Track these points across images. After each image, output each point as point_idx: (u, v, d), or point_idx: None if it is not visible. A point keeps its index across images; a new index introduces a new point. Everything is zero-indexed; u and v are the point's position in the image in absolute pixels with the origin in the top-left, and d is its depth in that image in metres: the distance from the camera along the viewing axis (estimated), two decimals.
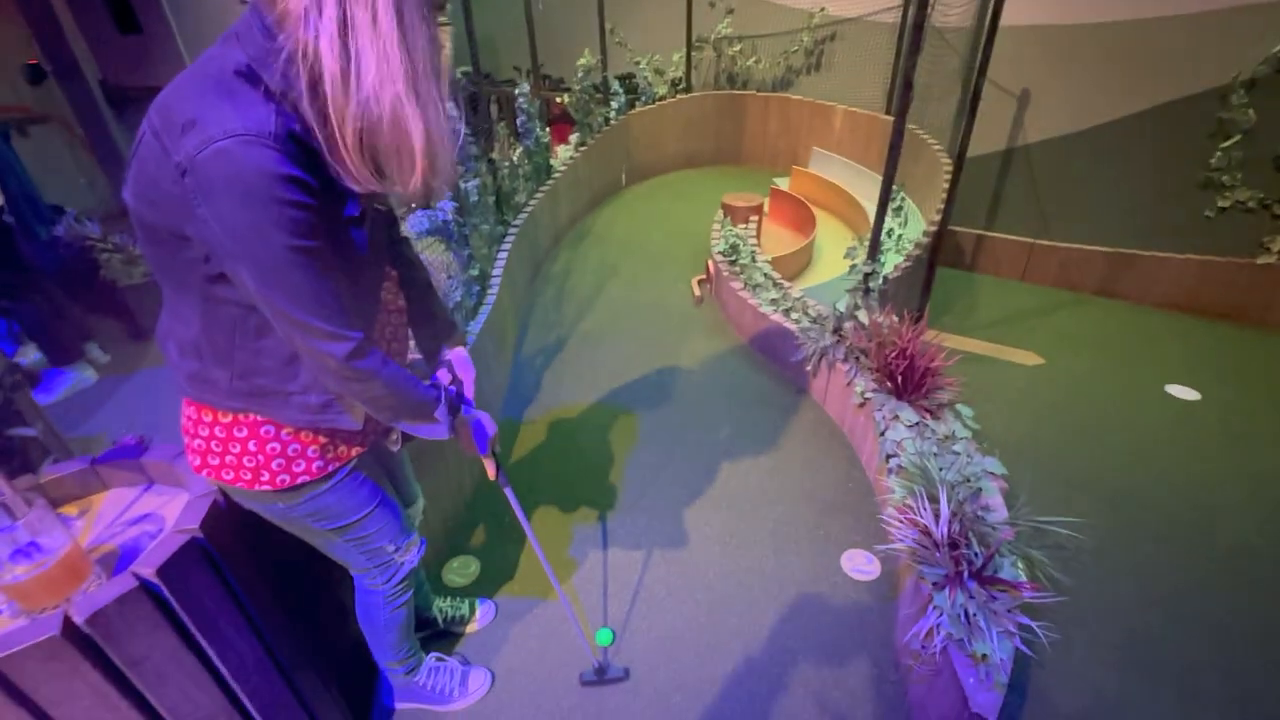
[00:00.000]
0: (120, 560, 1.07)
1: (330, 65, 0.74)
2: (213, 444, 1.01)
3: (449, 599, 1.79)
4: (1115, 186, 3.60)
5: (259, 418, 1.00)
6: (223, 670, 1.07)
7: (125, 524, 1.13)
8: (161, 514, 1.15)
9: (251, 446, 1.01)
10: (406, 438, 1.23)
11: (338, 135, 0.78)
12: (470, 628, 1.79)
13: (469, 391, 1.33)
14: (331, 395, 1.01)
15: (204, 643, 1.02)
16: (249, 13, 0.79)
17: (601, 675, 1.66)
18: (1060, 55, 3.50)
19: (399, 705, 1.62)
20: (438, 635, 1.76)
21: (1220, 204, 3.34)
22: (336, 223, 0.87)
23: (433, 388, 1.10)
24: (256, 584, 1.14)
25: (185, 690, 1.02)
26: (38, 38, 4.57)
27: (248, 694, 1.13)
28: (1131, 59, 3.33)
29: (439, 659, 1.62)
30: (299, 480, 1.05)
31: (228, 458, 1.01)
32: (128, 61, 4.81)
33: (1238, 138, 3.18)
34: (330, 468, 1.09)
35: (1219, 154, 3.25)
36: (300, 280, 0.82)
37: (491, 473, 1.35)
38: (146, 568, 0.93)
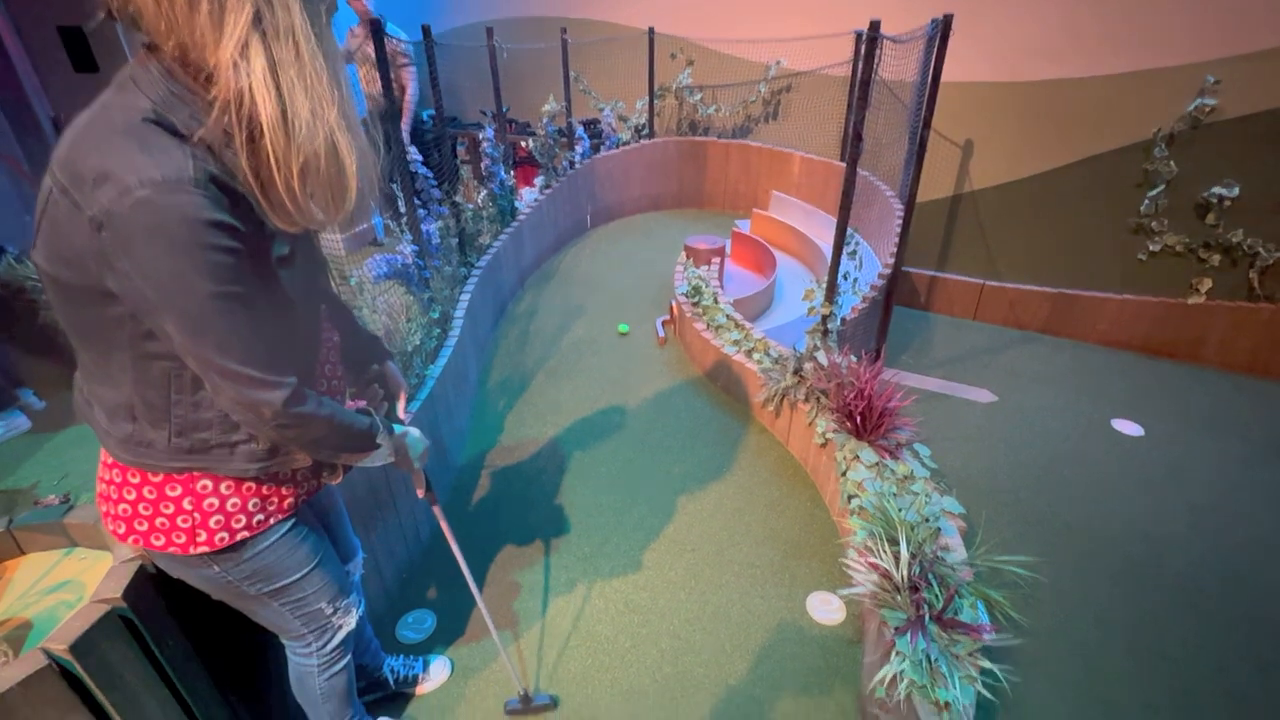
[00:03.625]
0: (34, 634, 0.98)
1: (268, 110, 0.74)
2: (141, 507, 0.94)
3: (401, 658, 1.70)
4: (1055, 231, 3.80)
5: (196, 473, 0.95)
6: None
7: (41, 593, 1.05)
8: (82, 580, 1.07)
9: (187, 505, 0.95)
10: (347, 468, 1.18)
11: (279, 178, 0.78)
12: (422, 688, 1.70)
13: (402, 405, 1.31)
14: None
15: None
16: (144, 55, 0.77)
17: (527, 704, 1.64)
18: (996, 110, 3.72)
19: None
20: (389, 698, 1.67)
21: (1151, 248, 3.55)
22: (265, 264, 0.85)
23: (365, 415, 1.06)
24: (186, 655, 1.06)
25: None
26: None
27: None
28: (1060, 114, 3.56)
29: None
30: (239, 537, 0.99)
31: (159, 520, 0.95)
32: (82, 99, 4.73)
33: (1161, 187, 3.40)
34: (272, 520, 1.03)
35: (1146, 202, 3.47)
36: (229, 328, 0.79)
37: (420, 490, 1.30)
38: (58, 644, 0.86)
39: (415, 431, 1.23)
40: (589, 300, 3.76)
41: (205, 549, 0.97)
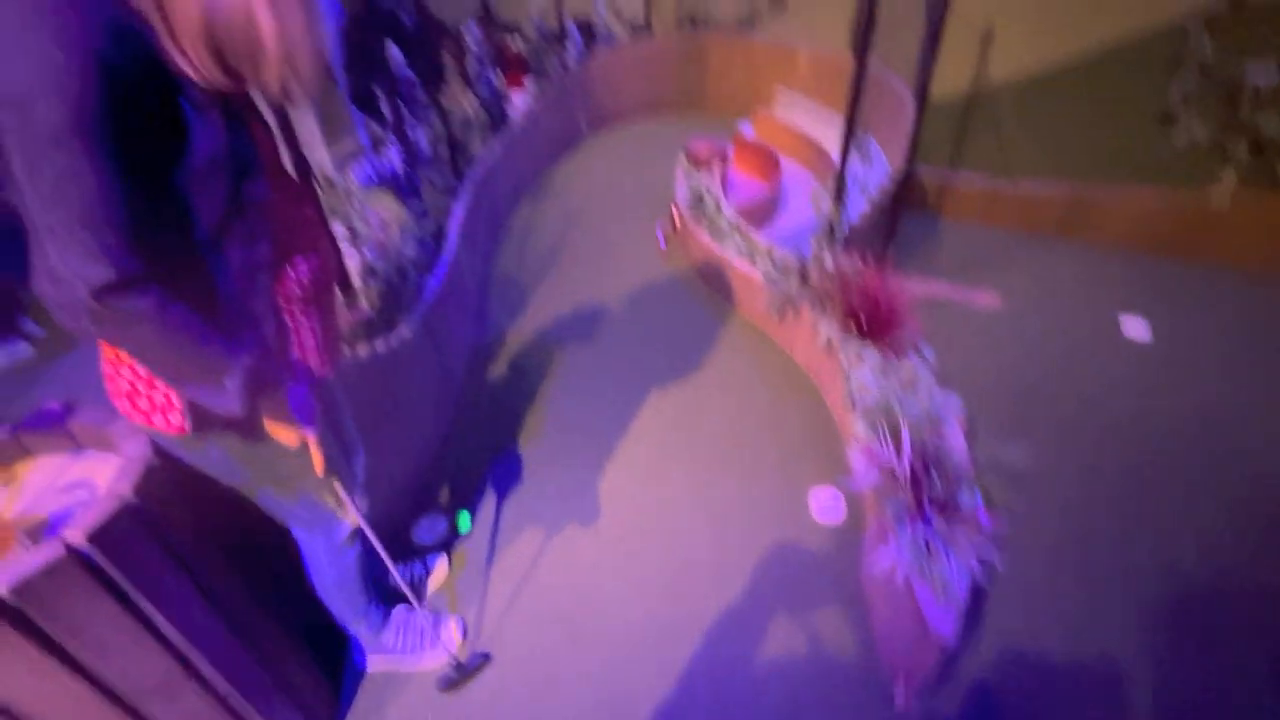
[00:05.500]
0: (51, 530, 1.01)
1: None
2: (139, 385, 0.91)
3: (402, 566, 1.76)
4: (1075, 124, 3.60)
5: None
6: (171, 636, 1.03)
7: (56, 492, 1.07)
8: (95, 480, 1.09)
9: None
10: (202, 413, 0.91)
11: (178, 19, 0.68)
12: (436, 582, 1.78)
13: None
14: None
15: (148, 608, 0.98)
16: None
17: (462, 672, 1.56)
18: None
19: (371, 667, 1.61)
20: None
21: (1175, 141, 3.37)
22: (161, 108, 0.71)
23: (238, 347, 0.84)
24: (203, 547, 1.09)
25: (131, 657, 0.98)
26: None
27: (203, 659, 1.10)
28: None
29: (407, 610, 1.61)
30: None
31: (156, 396, 0.92)
32: None
33: (1193, 73, 3.19)
34: None
35: (1175, 89, 3.26)
36: (70, 169, 0.64)
37: (319, 466, 1.08)
38: (76, 533, 0.88)
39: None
40: (589, 211, 3.65)
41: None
